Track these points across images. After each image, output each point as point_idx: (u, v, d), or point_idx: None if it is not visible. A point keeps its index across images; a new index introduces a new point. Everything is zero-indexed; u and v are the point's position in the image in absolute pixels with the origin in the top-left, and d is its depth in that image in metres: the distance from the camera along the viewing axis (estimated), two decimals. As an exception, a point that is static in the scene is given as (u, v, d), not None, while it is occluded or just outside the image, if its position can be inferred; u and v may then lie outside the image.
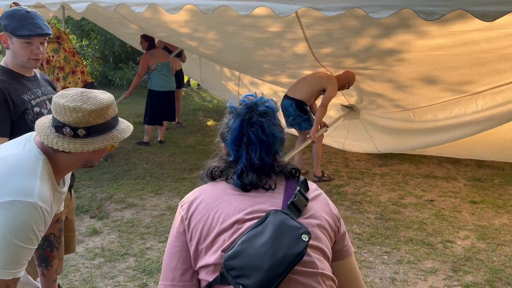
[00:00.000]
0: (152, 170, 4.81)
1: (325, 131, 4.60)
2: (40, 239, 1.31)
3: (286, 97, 4.48)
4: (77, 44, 11.24)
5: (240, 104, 1.16)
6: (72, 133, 1.30)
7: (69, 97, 1.31)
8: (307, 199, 1.12)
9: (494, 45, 3.22)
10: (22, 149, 1.36)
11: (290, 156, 4.28)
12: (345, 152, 5.70)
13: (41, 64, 4.45)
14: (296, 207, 1.08)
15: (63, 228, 1.88)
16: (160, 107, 5.69)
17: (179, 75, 6.74)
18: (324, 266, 1.08)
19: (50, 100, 2.07)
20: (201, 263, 1.07)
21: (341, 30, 3.34)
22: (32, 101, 1.95)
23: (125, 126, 1.43)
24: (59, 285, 2.30)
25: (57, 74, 4.59)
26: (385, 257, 3.10)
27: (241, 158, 1.14)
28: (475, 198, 4.23)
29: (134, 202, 3.92)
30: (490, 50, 3.30)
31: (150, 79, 5.65)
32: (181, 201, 1.17)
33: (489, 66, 3.51)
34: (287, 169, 1.17)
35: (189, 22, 3.94)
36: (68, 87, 4.58)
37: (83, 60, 10.94)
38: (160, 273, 2.80)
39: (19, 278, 1.29)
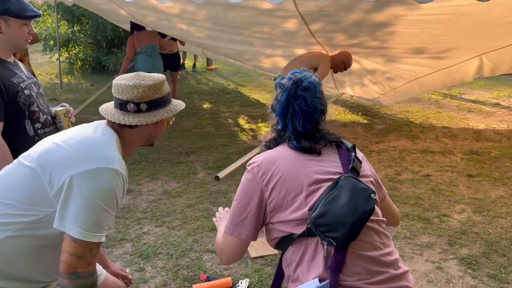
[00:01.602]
0: (148, 155, 4.80)
1: None
2: (118, 207, 1.40)
3: (279, 76, 4.45)
4: (69, 30, 11.02)
5: (288, 80, 1.38)
6: (136, 108, 1.45)
7: (127, 78, 1.46)
8: (360, 162, 1.35)
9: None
10: (95, 129, 1.45)
11: None
12: (341, 130, 5.68)
13: None
14: (356, 170, 1.30)
15: None
16: None
17: (175, 57, 6.65)
18: (380, 213, 1.34)
19: (34, 83, 2.10)
20: (283, 217, 1.27)
21: (334, 7, 3.28)
22: (21, 84, 1.99)
23: (178, 102, 1.58)
24: None
25: None
26: (382, 233, 3.11)
27: (287, 126, 1.36)
28: (472, 172, 4.23)
29: (130, 188, 3.92)
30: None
31: (135, 61, 5.62)
32: (250, 163, 1.35)
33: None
34: (329, 137, 1.37)
35: (177, 3, 3.87)
36: None
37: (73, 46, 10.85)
38: (157, 257, 2.84)
39: (100, 244, 1.36)
